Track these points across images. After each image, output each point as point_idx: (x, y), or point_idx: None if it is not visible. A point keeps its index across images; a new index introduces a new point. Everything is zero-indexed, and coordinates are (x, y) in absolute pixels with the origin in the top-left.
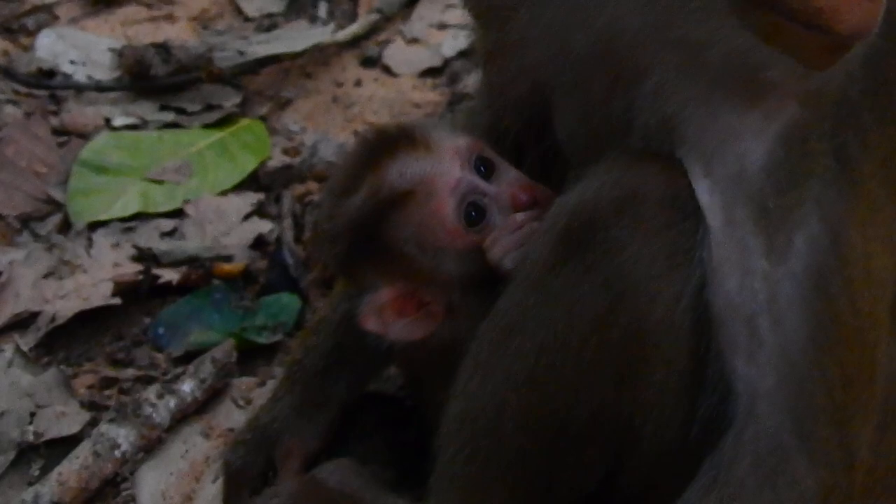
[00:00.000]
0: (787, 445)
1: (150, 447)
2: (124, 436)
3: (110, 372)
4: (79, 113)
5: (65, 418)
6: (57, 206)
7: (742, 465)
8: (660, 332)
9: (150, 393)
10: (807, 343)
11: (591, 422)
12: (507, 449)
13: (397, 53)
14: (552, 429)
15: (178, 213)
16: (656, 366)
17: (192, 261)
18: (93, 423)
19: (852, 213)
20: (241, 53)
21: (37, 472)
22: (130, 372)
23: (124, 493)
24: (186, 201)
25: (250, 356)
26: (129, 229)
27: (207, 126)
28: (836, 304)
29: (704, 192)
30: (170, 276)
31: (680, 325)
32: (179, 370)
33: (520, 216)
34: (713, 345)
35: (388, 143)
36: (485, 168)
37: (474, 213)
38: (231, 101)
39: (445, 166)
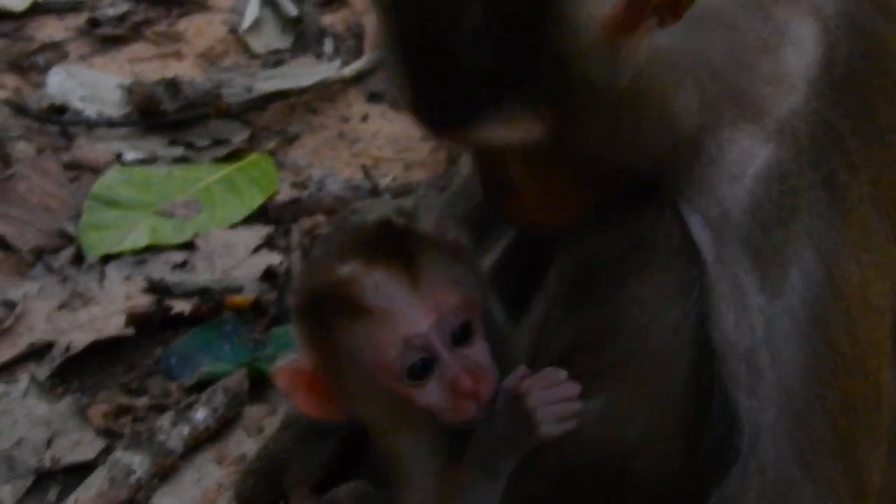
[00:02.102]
0: (791, 476)
1: (164, 474)
2: (139, 462)
3: (124, 400)
4: (90, 148)
5: (80, 446)
6: (69, 239)
7: (749, 497)
8: (658, 365)
9: (164, 421)
10: (805, 375)
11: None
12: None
13: None
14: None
15: (188, 246)
16: (658, 399)
17: (202, 293)
18: (108, 451)
19: (846, 241)
20: (249, 90)
21: (54, 498)
22: (144, 400)
23: None
24: (196, 235)
25: (261, 385)
26: (141, 262)
27: (216, 160)
28: (834, 335)
29: (698, 231)
30: (181, 307)
31: (686, 352)
32: (192, 399)
33: (571, 386)
34: (716, 377)
35: (394, 244)
36: (462, 334)
37: (419, 369)
38: (239, 136)
39: (418, 313)
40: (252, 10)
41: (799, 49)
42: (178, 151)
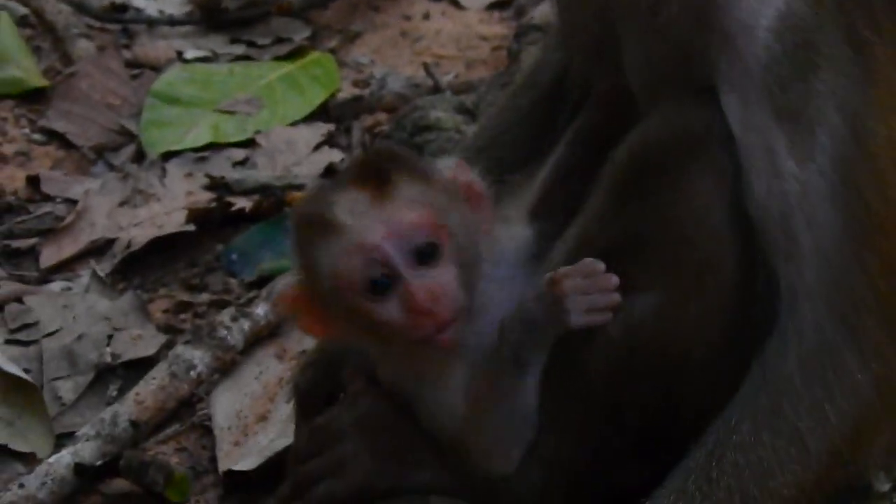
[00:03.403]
0: (833, 341)
1: (224, 369)
2: (200, 357)
3: (185, 296)
4: (151, 46)
5: (141, 341)
6: (130, 137)
7: (788, 363)
8: (714, 247)
9: (225, 316)
10: (841, 237)
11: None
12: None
13: None
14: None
15: (249, 144)
16: (718, 282)
17: (263, 189)
18: (168, 346)
19: (872, 101)
20: None
21: (114, 393)
22: (205, 297)
23: (200, 413)
24: (257, 132)
25: None
26: (202, 159)
27: (277, 58)
28: (865, 195)
29: (726, 100)
30: (242, 203)
31: (737, 240)
32: (253, 294)
33: (608, 277)
34: (759, 251)
35: (372, 168)
36: (428, 252)
37: (378, 283)
38: (300, 34)
39: (373, 224)
40: None
41: None
42: (239, 49)
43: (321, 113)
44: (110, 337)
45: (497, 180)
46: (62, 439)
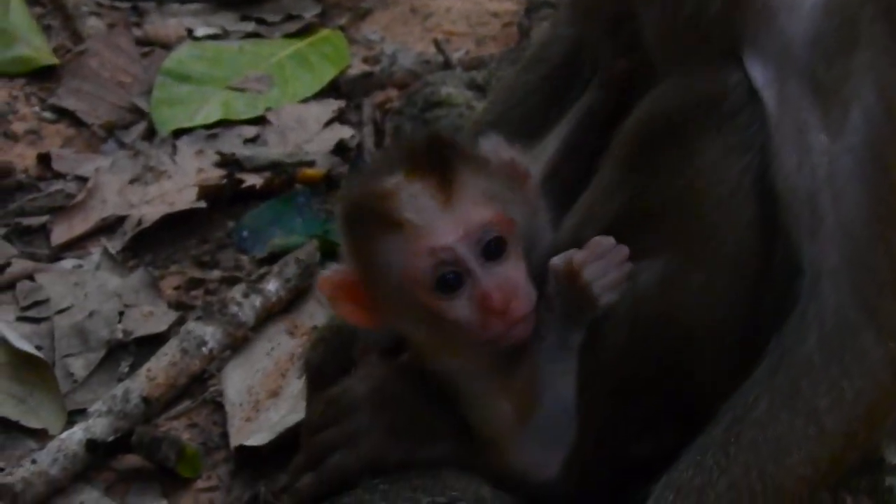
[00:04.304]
0: (853, 321)
1: (236, 345)
2: (211, 334)
3: (196, 273)
4: (161, 24)
5: (152, 318)
6: (141, 114)
7: (808, 342)
8: (722, 217)
9: (236, 292)
10: (868, 217)
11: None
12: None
13: None
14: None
15: (259, 121)
16: (724, 251)
17: (274, 166)
18: (180, 323)
19: None
20: None
21: (126, 370)
22: (216, 273)
23: (211, 389)
24: (268, 110)
25: (332, 257)
26: (213, 136)
27: (288, 36)
28: (893, 176)
29: (757, 73)
30: (253, 180)
31: (747, 211)
32: (264, 271)
33: (620, 249)
34: (780, 227)
35: (433, 160)
36: (495, 249)
37: (448, 282)
38: (311, 11)
39: (446, 225)
40: None
41: None
42: (250, 27)
43: (331, 90)
44: (121, 314)
45: None
46: (74, 416)
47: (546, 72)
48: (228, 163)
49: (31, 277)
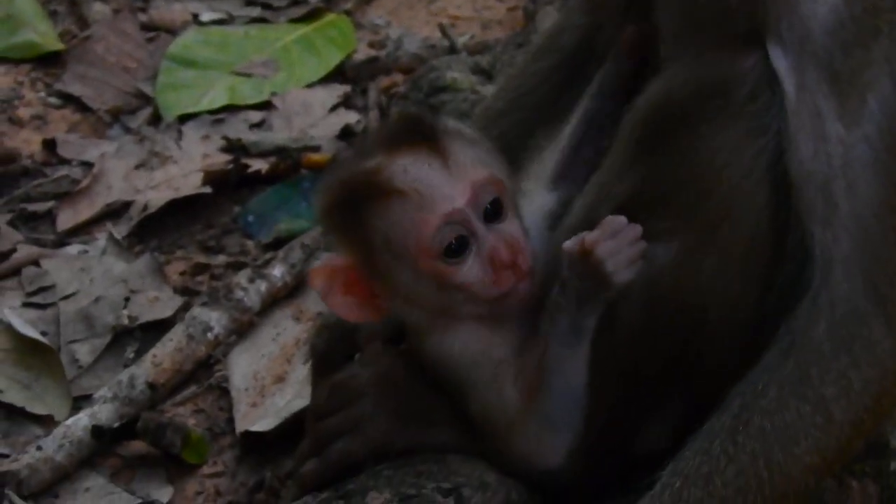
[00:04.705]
0: (863, 310)
1: (241, 330)
2: (216, 319)
3: (202, 258)
4: (166, 9)
5: (158, 303)
6: (146, 100)
7: (818, 330)
8: (734, 200)
9: (242, 278)
10: (881, 207)
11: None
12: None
13: None
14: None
15: (265, 106)
16: (737, 234)
17: (280, 151)
18: (185, 308)
19: None
20: None
21: (132, 355)
22: (221, 258)
23: (217, 375)
24: (273, 94)
25: None
26: (218, 121)
27: (293, 20)
28: None
29: (778, 59)
30: (259, 165)
31: (759, 195)
32: (269, 256)
33: (633, 228)
34: (792, 213)
35: (417, 133)
36: (493, 210)
37: (455, 247)
38: None
39: (453, 190)
40: None
41: None
42: (255, 12)
43: (337, 74)
44: (127, 299)
45: (520, 142)
46: (79, 402)
47: (558, 60)
48: (234, 148)
49: (36, 263)
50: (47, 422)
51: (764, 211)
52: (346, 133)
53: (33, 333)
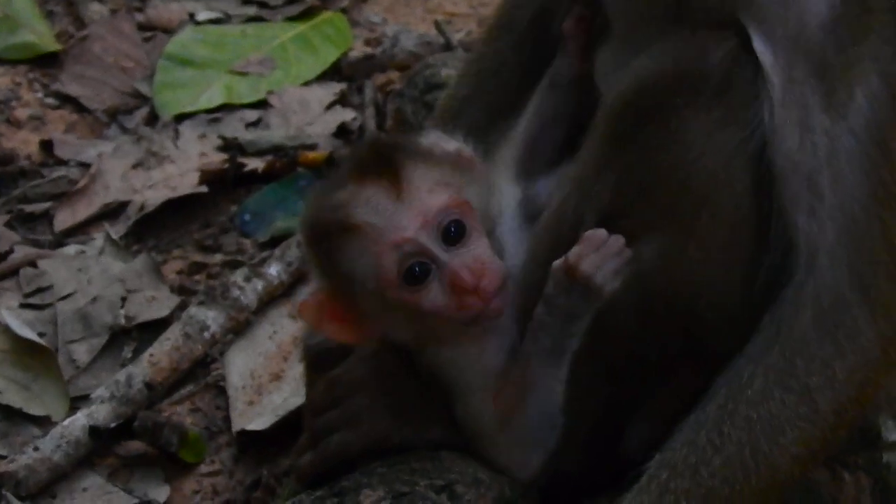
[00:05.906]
0: (848, 299)
1: (238, 329)
2: (213, 318)
3: (198, 258)
4: (163, 8)
5: (155, 302)
6: (143, 99)
7: (803, 319)
8: (711, 189)
9: (238, 276)
10: (867, 198)
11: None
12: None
13: None
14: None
15: (262, 105)
16: (715, 223)
17: (276, 150)
18: (182, 307)
19: None
20: None
21: (129, 355)
22: (218, 257)
23: (214, 374)
24: (270, 93)
25: None
26: (215, 120)
27: (289, 19)
28: (893, 159)
29: (766, 53)
30: (255, 164)
31: (737, 184)
32: (266, 254)
33: (615, 240)
34: (776, 203)
35: (379, 163)
36: (456, 232)
37: (416, 273)
38: None
39: (403, 219)
40: None
41: None
42: (251, 10)
43: (334, 72)
44: (124, 299)
45: (491, 126)
46: (77, 402)
47: (515, 39)
48: (230, 147)
49: (34, 264)
50: (45, 422)
51: (744, 199)
52: (342, 131)
53: (31, 334)
